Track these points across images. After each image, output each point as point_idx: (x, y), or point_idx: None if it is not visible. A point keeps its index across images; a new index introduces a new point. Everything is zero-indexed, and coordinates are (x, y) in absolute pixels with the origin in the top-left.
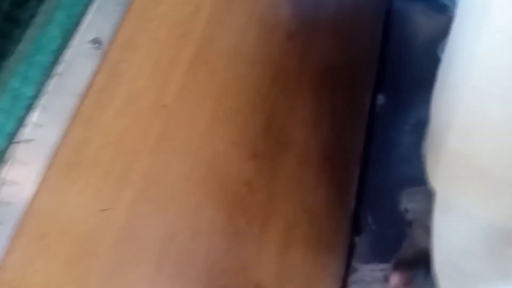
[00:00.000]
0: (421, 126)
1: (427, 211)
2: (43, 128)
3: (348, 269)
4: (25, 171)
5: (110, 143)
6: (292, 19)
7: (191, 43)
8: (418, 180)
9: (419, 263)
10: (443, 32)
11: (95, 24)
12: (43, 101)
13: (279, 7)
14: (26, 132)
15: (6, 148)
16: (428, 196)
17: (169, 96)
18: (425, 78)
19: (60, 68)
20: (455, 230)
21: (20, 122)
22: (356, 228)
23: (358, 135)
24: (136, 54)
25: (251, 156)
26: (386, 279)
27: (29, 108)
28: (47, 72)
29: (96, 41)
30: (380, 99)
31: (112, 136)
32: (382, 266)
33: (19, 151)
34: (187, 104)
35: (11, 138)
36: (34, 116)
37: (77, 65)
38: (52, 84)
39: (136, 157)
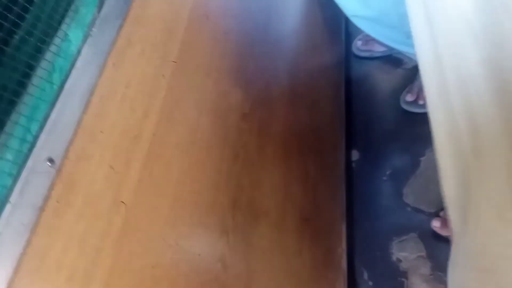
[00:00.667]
0: (397, 175)
1: (419, 258)
2: (5, 240)
3: None
4: None
5: (72, 246)
6: (244, 101)
7: (144, 143)
8: (405, 229)
9: None
10: (401, 84)
11: (48, 144)
12: (5, 215)
13: (229, 94)
14: None
15: None
16: (418, 242)
17: (126, 193)
18: (393, 128)
19: (18, 187)
20: None
21: None
22: (353, 286)
23: (338, 193)
24: (89, 163)
25: (221, 233)
26: None
27: None
28: (7, 193)
29: (50, 160)
30: (355, 154)
31: (73, 239)
32: None
33: None
34: (146, 197)
35: None
36: None
37: (35, 182)
38: (13, 200)
39: (99, 255)
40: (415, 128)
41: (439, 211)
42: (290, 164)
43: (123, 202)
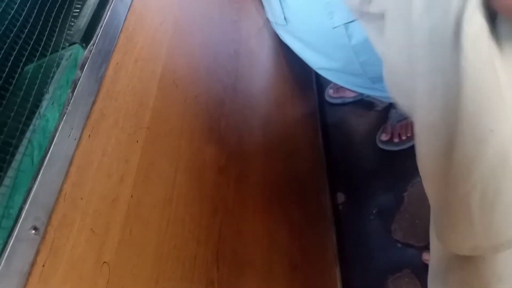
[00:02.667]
0: (384, 212)
1: None
2: None
3: None
4: None
5: None
6: (219, 156)
7: (122, 205)
8: (398, 265)
9: None
10: (375, 125)
11: (32, 213)
12: None
13: (203, 151)
14: None
15: None
16: (412, 278)
17: (109, 254)
18: (374, 167)
19: (5, 255)
20: None
21: None
22: None
23: (327, 237)
24: (71, 228)
25: (206, 286)
26: None
27: None
28: None
29: (34, 228)
30: (340, 197)
31: None
32: None
33: None
34: (127, 256)
35: None
36: None
37: (21, 249)
38: (0, 268)
39: None
40: (394, 166)
41: (428, 244)
42: (272, 213)
43: (106, 262)
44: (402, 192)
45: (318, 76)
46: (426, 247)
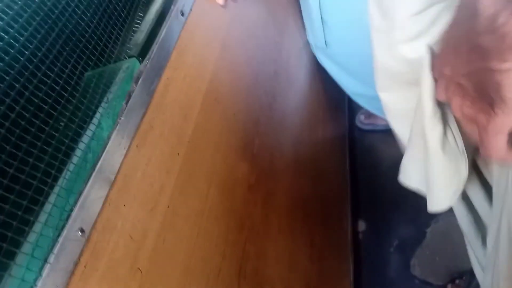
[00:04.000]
0: (404, 246)
1: None
2: None
3: None
4: None
5: None
6: (250, 174)
7: (159, 215)
8: None
9: None
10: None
11: (80, 216)
12: (44, 274)
13: (236, 167)
14: None
15: None
16: None
17: (143, 260)
18: (398, 199)
19: (55, 251)
20: None
21: None
22: None
23: (345, 263)
24: (112, 232)
25: None
26: None
27: None
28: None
29: (81, 230)
30: (361, 225)
31: None
32: None
33: None
34: (159, 264)
35: None
36: None
37: (68, 248)
38: (51, 261)
39: None
40: (419, 199)
41: (447, 283)
42: (295, 234)
43: (139, 269)
44: (425, 227)
45: (350, 101)
46: (445, 287)
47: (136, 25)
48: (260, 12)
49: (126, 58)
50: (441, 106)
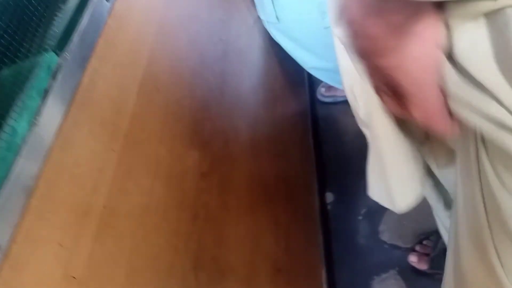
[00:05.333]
0: (372, 213)
1: None
2: None
3: None
4: None
5: None
6: (202, 160)
7: (94, 217)
8: (384, 266)
9: None
10: None
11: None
12: None
13: (185, 157)
14: None
15: None
16: (398, 279)
17: (77, 268)
18: (364, 168)
19: None
20: None
21: None
22: None
23: (314, 237)
24: (37, 243)
25: None
26: None
27: None
28: None
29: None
30: (329, 197)
31: None
32: None
33: None
34: (98, 269)
35: None
36: None
37: None
38: None
39: None
40: None
41: (415, 245)
42: (257, 216)
43: (73, 277)
44: None
45: (310, 75)
46: (413, 249)
47: (55, 16)
48: None
49: (41, 52)
50: None
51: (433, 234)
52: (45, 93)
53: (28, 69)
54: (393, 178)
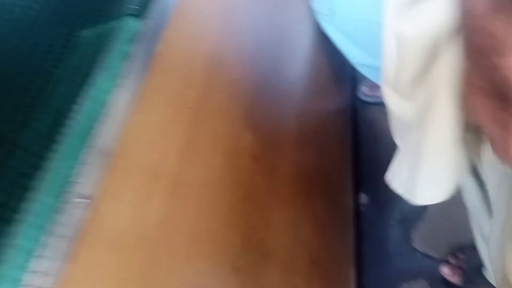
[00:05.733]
0: (405, 219)
1: None
2: (43, 274)
3: None
4: None
5: (99, 279)
6: (255, 144)
7: (164, 183)
8: (414, 274)
9: None
10: None
11: (83, 183)
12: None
13: (241, 137)
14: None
15: None
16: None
17: (149, 230)
18: None
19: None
20: None
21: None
22: None
23: (346, 236)
24: (116, 200)
25: (232, 271)
26: None
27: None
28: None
29: (85, 197)
30: (363, 198)
31: (100, 271)
32: None
33: None
34: (166, 234)
35: None
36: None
37: (72, 217)
38: (51, 236)
39: (126, 285)
40: None
41: (448, 257)
42: (299, 206)
43: (145, 237)
44: None
45: (354, 71)
46: (446, 260)
47: None
48: None
49: (123, 17)
50: None
51: (468, 248)
52: (128, 57)
53: (110, 32)
54: (425, 173)
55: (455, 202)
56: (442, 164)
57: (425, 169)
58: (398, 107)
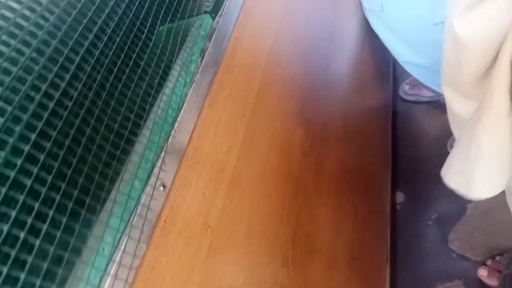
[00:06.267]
0: (443, 220)
1: None
2: (125, 252)
3: None
4: None
5: (172, 262)
6: (305, 139)
7: (227, 174)
8: (450, 275)
9: None
10: (448, 129)
11: (162, 171)
12: (131, 226)
13: (293, 133)
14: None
15: None
16: None
17: (213, 218)
18: (438, 174)
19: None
20: None
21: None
22: None
23: (382, 234)
24: (189, 189)
25: (283, 263)
26: None
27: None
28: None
29: (163, 185)
30: (400, 196)
31: (174, 256)
32: None
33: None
34: (227, 223)
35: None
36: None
37: (152, 202)
38: (135, 219)
39: (192, 271)
40: None
41: (486, 259)
42: (341, 202)
43: (210, 226)
44: (466, 203)
45: (395, 69)
46: (483, 263)
47: None
48: None
49: (199, 15)
50: None
51: (508, 252)
52: (203, 53)
53: (187, 28)
54: (482, 167)
55: (496, 205)
56: (497, 159)
57: (481, 164)
58: (458, 105)
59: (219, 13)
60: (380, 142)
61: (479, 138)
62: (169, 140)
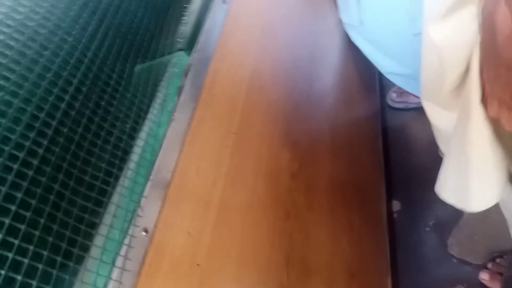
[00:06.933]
0: (441, 225)
1: None
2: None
3: None
4: None
5: None
6: (293, 161)
7: (213, 209)
8: (451, 281)
9: None
10: None
11: (143, 216)
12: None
13: (279, 155)
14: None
15: None
16: None
17: (200, 256)
18: (433, 178)
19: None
20: None
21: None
22: None
23: (381, 245)
24: (173, 230)
25: None
26: None
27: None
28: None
29: (145, 230)
30: (396, 205)
31: None
32: None
33: None
34: (216, 258)
35: None
36: None
37: (134, 250)
38: (116, 271)
39: None
40: None
41: (487, 263)
42: (335, 218)
43: (198, 264)
44: None
45: (382, 78)
46: (484, 266)
47: (180, 16)
48: None
49: (173, 52)
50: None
51: (509, 253)
52: (180, 90)
53: (163, 66)
54: (474, 179)
55: (494, 207)
56: (487, 169)
57: (474, 176)
58: (440, 118)
59: (194, 48)
60: (371, 152)
61: (465, 150)
62: (149, 183)
